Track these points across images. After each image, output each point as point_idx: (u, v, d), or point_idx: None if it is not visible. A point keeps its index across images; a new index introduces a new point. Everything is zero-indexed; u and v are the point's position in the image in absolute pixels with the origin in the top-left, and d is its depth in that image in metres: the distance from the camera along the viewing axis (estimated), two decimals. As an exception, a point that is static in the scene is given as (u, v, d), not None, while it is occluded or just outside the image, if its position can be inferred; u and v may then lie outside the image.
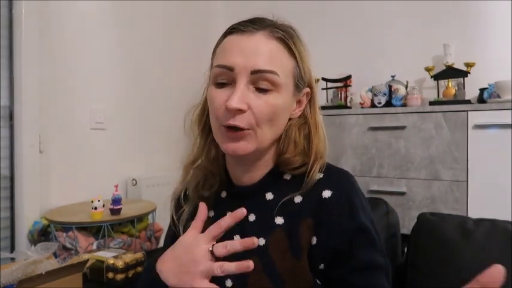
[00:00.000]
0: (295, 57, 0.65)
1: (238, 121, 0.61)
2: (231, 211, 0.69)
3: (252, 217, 0.68)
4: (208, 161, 0.72)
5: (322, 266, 0.64)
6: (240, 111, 0.60)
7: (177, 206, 0.77)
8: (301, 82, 0.67)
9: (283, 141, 0.67)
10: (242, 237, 0.66)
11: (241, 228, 0.67)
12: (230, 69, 0.61)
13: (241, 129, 0.61)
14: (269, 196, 0.68)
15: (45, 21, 1.75)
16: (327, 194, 0.64)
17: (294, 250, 0.63)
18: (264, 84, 0.61)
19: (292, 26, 0.68)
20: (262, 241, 0.65)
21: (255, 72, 0.61)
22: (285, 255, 0.63)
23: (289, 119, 0.69)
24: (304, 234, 0.63)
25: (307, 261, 0.63)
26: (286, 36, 0.64)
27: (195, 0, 2.56)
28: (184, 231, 0.71)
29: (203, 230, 0.62)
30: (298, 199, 0.66)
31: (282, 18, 0.68)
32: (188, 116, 0.74)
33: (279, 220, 0.65)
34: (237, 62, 0.61)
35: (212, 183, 0.73)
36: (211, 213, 0.73)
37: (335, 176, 0.67)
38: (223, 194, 0.74)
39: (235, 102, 0.59)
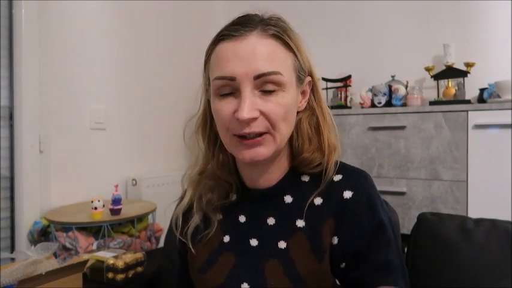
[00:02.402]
0: (292, 51, 0.63)
1: (254, 127, 0.59)
2: (245, 215, 0.70)
3: (271, 221, 0.67)
4: (219, 168, 0.70)
5: (343, 265, 0.63)
6: (253, 119, 0.59)
7: (183, 221, 0.75)
8: (302, 73, 0.65)
9: (297, 139, 0.67)
10: (260, 241, 0.67)
11: (260, 232, 0.67)
12: (231, 79, 0.59)
13: (259, 134, 0.60)
14: (288, 199, 0.67)
15: (45, 21, 1.75)
16: (347, 194, 0.64)
17: (316, 252, 0.63)
18: (269, 87, 0.59)
19: (281, 17, 0.65)
20: (283, 244, 0.65)
21: (258, 77, 0.58)
22: (306, 257, 0.63)
23: (297, 113, 0.67)
24: (326, 235, 0.63)
25: (328, 263, 0.63)
26: (280, 32, 0.62)
27: (196, 0, 2.57)
28: (192, 243, 0.71)
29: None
30: (318, 201, 0.65)
31: (270, 11, 0.65)
32: (186, 128, 0.72)
33: (300, 223, 0.65)
34: (237, 71, 0.58)
35: (224, 191, 0.71)
36: (220, 216, 0.72)
37: (354, 176, 0.66)
38: (233, 197, 0.72)
39: (246, 113, 0.58)
